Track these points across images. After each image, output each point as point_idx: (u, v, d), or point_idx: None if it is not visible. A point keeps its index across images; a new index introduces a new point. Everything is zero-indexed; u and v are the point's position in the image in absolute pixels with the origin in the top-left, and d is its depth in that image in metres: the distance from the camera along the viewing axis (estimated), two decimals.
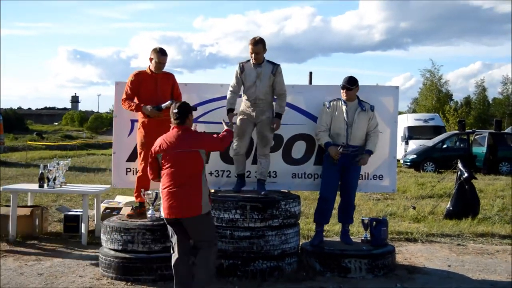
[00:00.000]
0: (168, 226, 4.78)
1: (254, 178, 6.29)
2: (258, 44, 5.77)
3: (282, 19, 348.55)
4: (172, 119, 4.80)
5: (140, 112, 6.01)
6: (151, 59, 6.00)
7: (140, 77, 6.05)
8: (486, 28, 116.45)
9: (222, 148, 5.19)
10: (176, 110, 4.75)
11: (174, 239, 4.76)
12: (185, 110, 4.79)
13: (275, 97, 6.03)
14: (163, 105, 5.86)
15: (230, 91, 5.98)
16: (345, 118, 5.97)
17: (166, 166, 4.67)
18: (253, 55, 5.80)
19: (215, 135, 5.07)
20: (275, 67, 5.87)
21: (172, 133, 4.77)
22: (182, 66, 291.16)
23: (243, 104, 6.02)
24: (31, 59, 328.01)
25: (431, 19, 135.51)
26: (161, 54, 5.95)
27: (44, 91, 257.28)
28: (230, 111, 5.91)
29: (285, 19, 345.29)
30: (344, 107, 6.02)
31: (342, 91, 6.02)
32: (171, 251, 4.85)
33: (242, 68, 5.91)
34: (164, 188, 4.66)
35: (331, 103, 6.10)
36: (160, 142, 4.76)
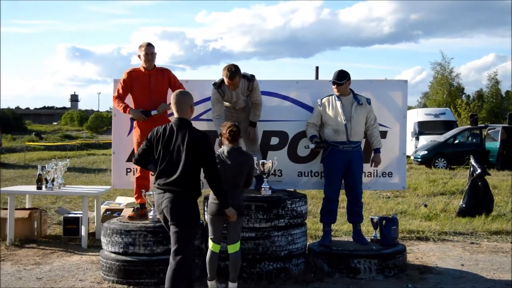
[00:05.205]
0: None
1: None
2: (235, 77, 5.59)
3: (289, 12, 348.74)
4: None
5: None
6: (139, 56, 5.94)
7: (133, 74, 5.98)
8: (500, 19, 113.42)
9: None
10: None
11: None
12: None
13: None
14: (153, 112, 5.83)
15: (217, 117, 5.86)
16: (342, 114, 5.80)
17: None
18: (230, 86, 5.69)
19: None
20: (251, 84, 5.77)
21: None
22: (184, 62, 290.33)
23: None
24: (29, 57, 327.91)
25: (443, 10, 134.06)
26: (147, 45, 5.91)
27: (42, 90, 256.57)
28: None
29: (291, 12, 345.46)
30: (338, 103, 5.88)
31: (333, 86, 5.91)
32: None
33: (222, 93, 5.81)
34: None
35: (323, 100, 6.00)
36: None
